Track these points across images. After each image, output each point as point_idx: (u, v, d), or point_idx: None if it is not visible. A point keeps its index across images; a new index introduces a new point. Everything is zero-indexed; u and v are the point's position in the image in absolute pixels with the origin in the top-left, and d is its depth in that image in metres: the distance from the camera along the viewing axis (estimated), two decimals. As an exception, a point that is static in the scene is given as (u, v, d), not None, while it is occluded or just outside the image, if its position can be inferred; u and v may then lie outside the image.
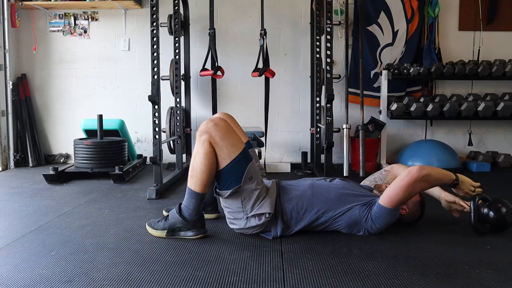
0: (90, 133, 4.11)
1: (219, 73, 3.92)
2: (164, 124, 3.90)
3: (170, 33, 4.00)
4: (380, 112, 4.29)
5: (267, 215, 2.08)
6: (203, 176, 2.04)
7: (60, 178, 3.51)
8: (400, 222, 2.23)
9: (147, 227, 2.18)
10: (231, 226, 2.19)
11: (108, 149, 3.73)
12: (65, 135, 4.52)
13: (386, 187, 2.21)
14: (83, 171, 3.65)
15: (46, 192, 3.16)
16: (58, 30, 4.49)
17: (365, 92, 4.23)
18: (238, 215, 2.11)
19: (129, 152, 4.18)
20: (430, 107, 4.13)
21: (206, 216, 2.37)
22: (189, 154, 4.26)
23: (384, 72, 4.19)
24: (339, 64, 4.47)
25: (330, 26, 3.26)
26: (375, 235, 2.13)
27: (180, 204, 2.13)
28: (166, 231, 2.11)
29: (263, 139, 3.65)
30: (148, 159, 4.20)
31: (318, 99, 4.06)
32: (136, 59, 4.48)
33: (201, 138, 2.04)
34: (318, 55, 3.99)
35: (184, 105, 4.15)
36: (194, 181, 2.06)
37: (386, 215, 2.06)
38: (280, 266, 1.77)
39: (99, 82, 4.52)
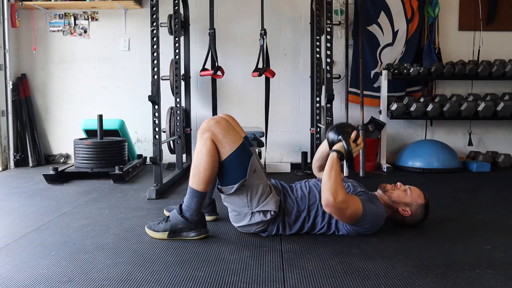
0: (90, 133, 4.11)
1: (219, 73, 3.93)
2: (164, 124, 3.90)
3: (170, 33, 4.00)
4: (380, 112, 4.30)
5: (272, 213, 2.09)
6: (206, 174, 2.04)
7: (60, 178, 3.51)
8: (402, 224, 2.23)
9: (147, 230, 2.16)
10: (235, 224, 2.19)
11: (108, 149, 3.73)
12: (65, 135, 4.52)
13: (391, 186, 2.22)
14: (83, 171, 3.65)
15: (46, 192, 3.16)
16: (58, 30, 4.49)
17: (365, 92, 4.23)
18: (243, 210, 2.10)
19: (129, 152, 4.18)
20: (430, 107, 4.13)
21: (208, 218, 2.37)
22: (189, 154, 4.26)
23: (384, 72, 4.19)
24: (339, 64, 4.47)
25: (330, 26, 3.26)
26: (374, 233, 2.14)
27: (181, 204, 2.12)
28: (167, 232, 2.11)
29: (263, 139, 3.65)
30: (148, 159, 4.20)
31: (318, 99, 4.06)
32: (136, 59, 4.48)
33: (203, 136, 2.04)
34: (318, 55, 3.99)
35: (184, 105, 4.15)
36: (197, 179, 2.05)
37: (364, 224, 2.06)
38: (280, 266, 1.77)
39: (99, 82, 4.52)
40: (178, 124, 3.94)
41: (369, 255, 1.90)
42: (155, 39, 3.07)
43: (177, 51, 3.87)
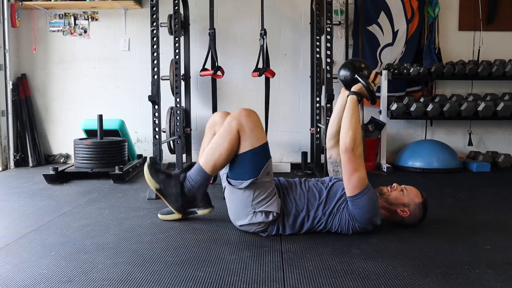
0: (90, 133, 4.11)
1: (219, 73, 3.92)
2: (164, 124, 3.90)
3: (170, 33, 4.00)
4: (380, 112, 4.30)
5: (274, 214, 2.09)
6: (220, 160, 2.07)
7: (60, 178, 3.51)
8: (401, 224, 2.23)
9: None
10: (235, 221, 2.18)
11: (108, 149, 3.73)
12: (65, 135, 4.52)
13: (387, 189, 2.21)
14: (83, 171, 3.65)
15: (46, 192, 3.16)
16: (58, 30, 4.49)
17: (365, 92, 4.23)
18: (245, 208, 2.10)
19: (129, 152, 4.18)
20: (430, 107, 4.13)
21: (200, 212, 2.35)
22: (189, 154, 4.26)
23: (384, 72, 4.19)
24: (339, 64, 4.46)
25: (330, 26, 3.26)
26: (370, 226, 2.13)
27: (184, 176, 2.17)
28: (180, 205, 2.20)
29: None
30: (148, 159, 4.19)
31: (318, 99, 4.06)
32: (136, 59, 4.48)
33: (231, 124, 2.04)
34: (318, 55, 3.99)
35: (184, 105, 4.14)
36: (209, 160, 2.08)
37: (362, 202, 2.03)
38: (280, 266, 1.77)
39: (99, 82, 4.52)
40: (178, 124, 3.93)
41: (369, 255, 1.90)
42: (155, 39, 3.07)
43: (177, 51, 3.87)
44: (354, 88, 2.13)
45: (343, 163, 2.03)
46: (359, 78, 2.09)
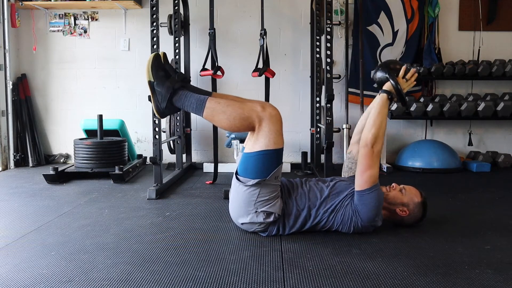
0: (90, 133, 4.11)
1: (219, 73, 3.91)
2: (164, 124, 3.90)
3: (170, 33, 4.00)
4: (380, 112, 4.29)
5: (276, 215, 2.09)
6: (218, 121, 2.07)
7: (60, 178, 3.51)
8: (401, 224, 2.23)
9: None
10: (236, 219, 2.18)
11: (108, 149, 3.73)
12: (65, 135, 4.52)
13: (386, 189, 2.21)
14: (83, 171, 3.65)
15: (46, 192, 3.16)
16: (58, 30, 4.49)
17: (365, 92, 4.23)
18: (247, 207, 2.09)
19: (129, 152, 4.18)
20: (430, 107, 4.13)
21: None
22: (189, 154, 4.26)
23: (384, 72, 4.19)
24: (339, 64, 4.47)
25: (330, 26, 3.26)
26: (371, 227, 2.13)
27: (182, 87, 2.12)
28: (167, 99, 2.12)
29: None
30: (148, 159, 4.20)
31: (318, 99, 4.06)
32: (136, 59, 4.48)
33: (254, 113, 2.03)
34: (318, 55, 3.99)
35: (184, 105, 4.14)
36: (214, 112, 2.06)
37: (369, 198, 2.04)
38: (280, 266, 1.77)
39: (99, 82, 4.52)
40: (178, 124, 3.94)
41: (369, 255, 1.90)
42: (155, 39, 3.07)
43: (177, 51, 3.87)
44: (385, 86, 2.14)
45: (360, 157, 2.05)
46: (390, 78, 2.09)
